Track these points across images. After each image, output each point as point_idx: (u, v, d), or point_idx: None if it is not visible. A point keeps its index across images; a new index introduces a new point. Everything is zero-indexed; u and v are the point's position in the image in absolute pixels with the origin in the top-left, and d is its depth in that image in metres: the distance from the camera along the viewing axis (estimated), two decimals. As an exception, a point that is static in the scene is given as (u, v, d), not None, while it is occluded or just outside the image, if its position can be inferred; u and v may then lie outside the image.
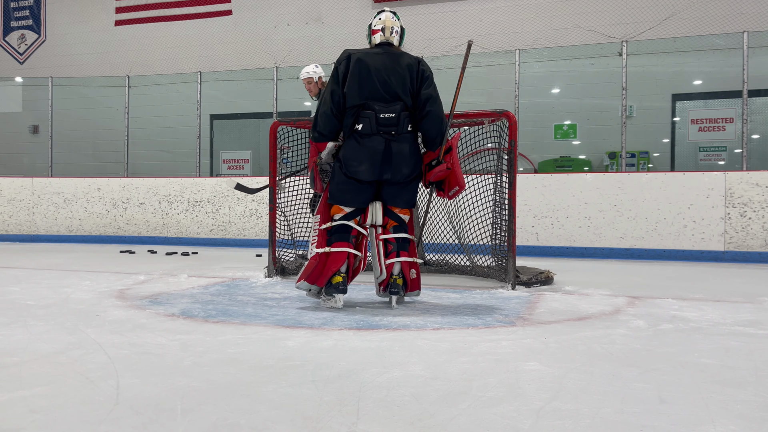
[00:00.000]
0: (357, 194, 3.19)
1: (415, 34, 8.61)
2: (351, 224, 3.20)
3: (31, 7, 10.62)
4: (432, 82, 3.24)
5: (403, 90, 3.16)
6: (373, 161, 3.11)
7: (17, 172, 9.98)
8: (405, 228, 3.27)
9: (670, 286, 4.12)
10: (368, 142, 3.12)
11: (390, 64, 3.17)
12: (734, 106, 7.46)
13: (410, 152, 3.18)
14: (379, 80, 3.13)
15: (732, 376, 1.96)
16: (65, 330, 2.59)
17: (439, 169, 3.21)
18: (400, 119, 3.14)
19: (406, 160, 3.15)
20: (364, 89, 3.13)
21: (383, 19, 3.30)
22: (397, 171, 3.14)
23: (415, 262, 3.27)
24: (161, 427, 1.49)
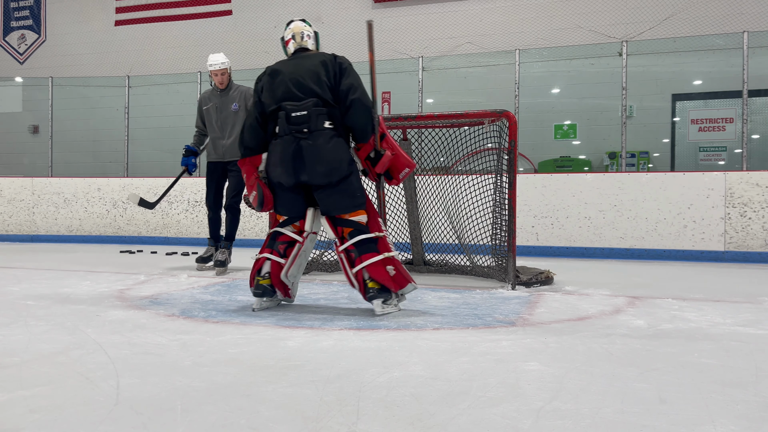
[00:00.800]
0: (287, 201, 3.10)
1: (415, 34, 8.63)
2: (282, 230, 3.13)
3: (31, 7, 10.62)
4: (351, 72, 3.10)
5: (318, 85, 3.04)
6: (286, 163, 3.00)
7: (17, 172, 9.98)
8: (363, 229, 3.03)
9: (670, 286, 4.12)
10: (281, 144, 3.03)
11: (303, 65, 3.12)
12: (734, 106, 7.46)
13: (327, 150, 2.98)
14: (292, 81, 3.07)
15: (732, 376, 1.96)
16: (65, 330, 2.59)
17: (385, 159, 3.05)
18: (312, 115, 2.98)
19: (320, 158, 2.96)
20: (278, 93, 3.09)
21: (292, 28, 3.32)
22: (312, 171, 2.97)
23: (389, 258, 3.01)
24: (161, 427, 1.49)
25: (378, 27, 9.80)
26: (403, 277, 3.04)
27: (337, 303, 3.34)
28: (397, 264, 3.03)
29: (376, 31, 8.86)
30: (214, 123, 5.02)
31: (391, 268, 3.00)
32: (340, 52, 3.29)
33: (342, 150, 3.03)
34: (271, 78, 3.16)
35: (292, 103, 3.03)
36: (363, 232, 3.02)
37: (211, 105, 5.06)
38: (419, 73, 7.51)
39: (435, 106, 8.24)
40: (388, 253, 3.01)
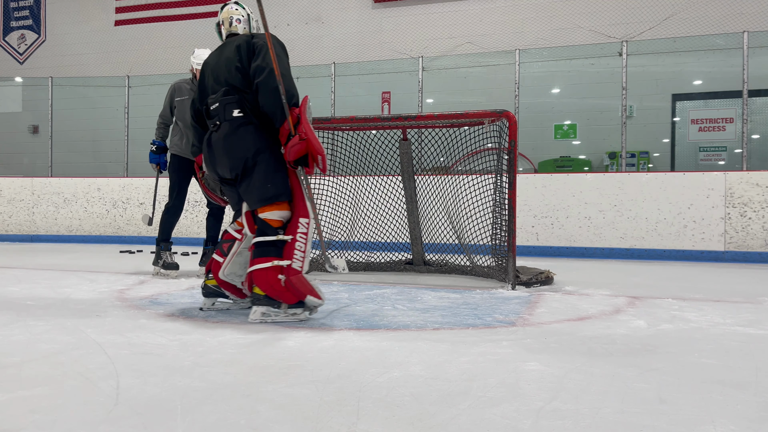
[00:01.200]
0: (227, 195, 3.04)
1: (415, 34, 8.63)
2: (227, 228, 3.07)
3: (31, 7, 10.62)
4: (262, 53, 2.85)
5: (229, 73, 2.89)
6: (205, 157, 2.96)
7: (17, 172, 9.98)
8: (266, 230, 2.80)
9: (670, 286, 4.12)
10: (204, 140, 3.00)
11: (223, 54, 2.98)
12: (734, 106, 7.46)
13: (231, 141, 2.82)
14: (213, 74, 2.97)
15: (732, 376, 1.95)
16: (65, 330, 2.59)
17: (292, 144, 2.76)
18: (223, 106, 2.86)
19: (223, 151, 2.84)
20: (205, 89, 3.02)
21: (223, 12, 3.16)
22: (221, 164, 2.88)
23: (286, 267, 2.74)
24: (161, 427, 1.49)
25: (378, 27, 9.83)
26: (296, 289, 2.75)
27: (337, 303, 3.34)
28: (292, 274, 2.75)
29: (376, 31, 8.96)
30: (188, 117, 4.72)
31: (283, 277, 2.74)
32: (340, 51, 3.29)
33: (248, 139, 2.82)
34: (202, 71, 3.07)
35: (213, 96, 2.94)
36: (265, 233, 2.79)
37: (187, 98, 4.78)
38: (419, 73, 7.51)
39: (435, 106, 8.24)
40: (284, 261, 2.75)
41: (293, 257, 2.78)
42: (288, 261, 2.76)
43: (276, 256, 2.75)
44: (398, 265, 4.86)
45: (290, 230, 2.83)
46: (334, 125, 4.61)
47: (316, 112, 9.07)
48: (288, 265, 2.75)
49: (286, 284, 2.74)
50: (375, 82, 8.61)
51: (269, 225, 2.81)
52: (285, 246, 2.79)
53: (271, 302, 2.77)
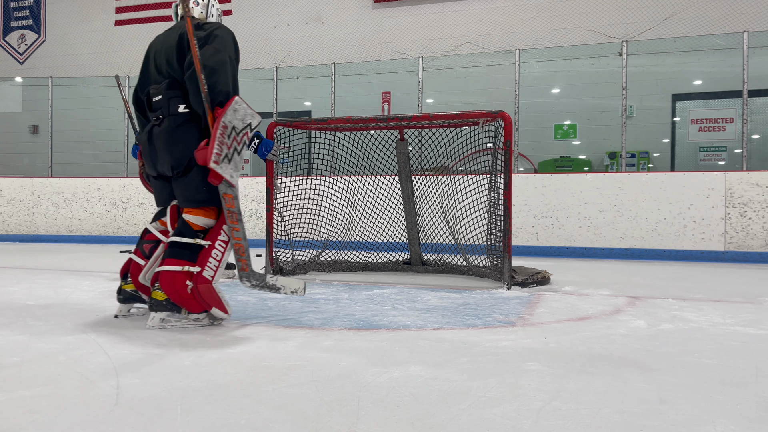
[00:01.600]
0: (156, 191, 2.89)
1: (415, 34, 8.63)
2: (149, 228, 2.89)
3: (31, 7, 10.62)
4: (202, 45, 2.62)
5: (170, 64, 2.70)
6: (144, 152, 2.80)
7: (17, 172, 9.98)
8: (184, 231, 2.66)
9: (670, 286, 4.12)
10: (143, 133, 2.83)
11: (167, 40, 2.77)
12: (734, 106, 7.46)
13: (175, 137, 2.66)
14: (155, 61, 2.78)
15: (732, 376, 1.96)
16: (65, 330, 2.59)
17: (200, 147, 2.59)
18: (163, 99, 2.69)
19: (165, 147, 2.68)
20: (147, 76, 2.83)
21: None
22: (162, 161, 2.71)
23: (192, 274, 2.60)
24: (161, 427, 1.49)
25: (378, 27, 9.83)
26: (202, 299, 2.61)
27: (337, 303, 3.34)
28: (200, 282, 2.61)
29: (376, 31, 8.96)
30: None
31: (191, 284, 2.60)
32: (340, 52, 3.29)
33: (192, 138, 2.66)
34: (145, 58, 2.87)
35: (155, 86, 2.76)
36: (183, 235, 2.65)
37: None
38: (419, 73, 7.51)
39: (435, 106, 8.24)
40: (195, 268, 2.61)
41: (206, 265, 2.64)
42: (199, 268, 2.62)
43: (188, 261, 2.62)
44: (396, 265, 4.86)
45: (211, 236, 2.70)
46: (331, 126, 4.61)
47: (316, 112, 9.09)
48: (199, 272, 2.61)
49: (193, 292, 2.60)
50: (375, 82, 8.61)
51: (190, 228, 2.68)
52: (201, 252, 2.66)
53: (171, 307, 2.63)
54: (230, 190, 2.64)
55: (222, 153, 2.57)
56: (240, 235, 2.70)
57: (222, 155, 2.57)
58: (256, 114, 2.68)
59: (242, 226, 2.70)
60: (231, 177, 2.60)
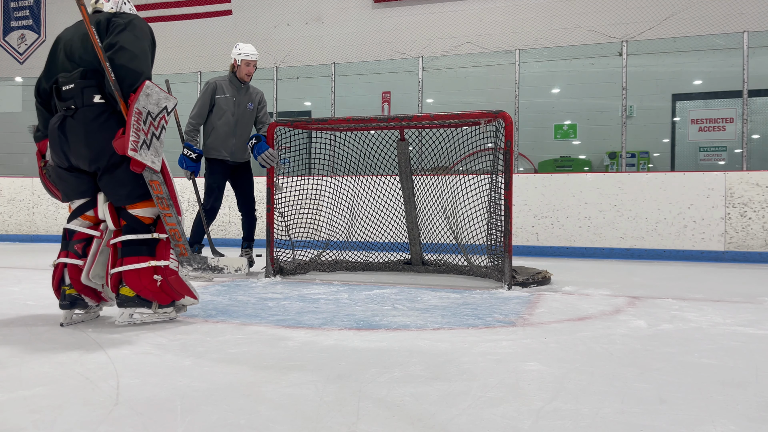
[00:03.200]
0: (68, 184, 2.69)
1: (415, 34, 8.63)
2: (72, 227, 2.73)
3: (31, 7, 10.62)
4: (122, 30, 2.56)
5: (86, 52, 2.60)
6: (54, 144, 2.62)
7: (17, 172, 9.97)
8: (136, 227, 2.63)
9: (670, 286, 4.12)
10: (52, 122, 2.64)
11: (79, 29, 2.69)
12: (734, 106, 7.46)
13: (92, 129, 2.55)
14: (66, 50, 2.66)
15: (732, 376, 1.96)
16: (65, 330, 2.59)
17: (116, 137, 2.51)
18: (77, 88, 2.56)
19: (82, 140, 2.55)
20: (56, 65, 2.69)
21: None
22: (77, 153, 2.57)
23: (161, 267, 2.62)
24: (161, 427, 1.49)
25: (378, 27, 9.83)
26: (174, 291, 2.67)
27: (337, 303, 3.34)
28: (169, 274, 2.65)
29: (376, 31, 8.98)
30: (231, 116, 4.67)
31: (159, 278, 2.61)
32: (340, 52, 3.29)
33: (112, 129, 2.56)
34: (52, 49, 2.74)
35: (64, 75, 2.61)
36: (136, 231, 2.62)
37: (229, 96, 4.68)
38: (419, 73, 7.51)
39: (435, 106, 8.24)
40: (162, 262, 2.62)
41: (170, 256, 2.67)
42: (165, 261, 2.64)
43: (149, 256, 2.61)
44: (397, 265, 4.86)
45: (162, 228, 2.69)
46: (331, 126, 4.61)
47: (316, 112, 9.09)
48: (165, 266, 2.64)
49: (163, 285, 2.62)
50: (375, 82, 8.61)
51: (141, 222, 2.65)
52: (158, 244, 2.66)
53: (141, 303, 2.64)
54: (155, 176, 2.58)
55: (140, 140, 2.49)
56: (173, 220, 2.66)
57: (140, 142, 2.49)
58: (171, 97, 2.61)
59: (174, 211, 2.64)
60: (152, 163, 2.53)
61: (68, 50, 2.67)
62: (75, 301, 2.69)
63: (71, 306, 2.69)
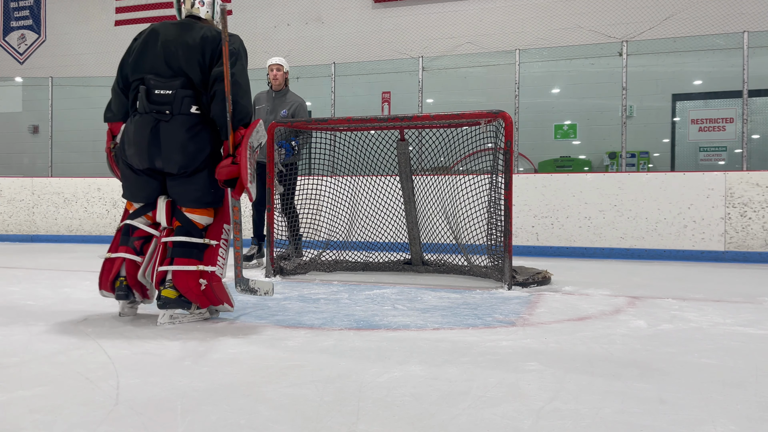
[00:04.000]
0: (137, 186, 2.79)
1: (415, 34, 8.63)
2: (135, 224, 2.82)
3: (31, 7, 10.62)
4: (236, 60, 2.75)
5: (188, 63, 2.71)
6: (140, 144, 2.69)
7: (17, 172, 9.98)
8: (191, 231, 2.72)
9: (670, 286, 4.12)
10: (138, 122, 2.71)
11: (184, 36, 2.76)
12: (734, 106, 7.46)
13: (187, 138, 2.68)
14: (165, 52, 2.73)
15: (732, 376, 1.96)
16: (65, 330, 2.59)
17: (224, 164, 2.68)
18: (177, 97, 2.68)
19: (178, 146, 2.67)
20: (146, 61, 2.75)
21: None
22: (168, 159, 2.68)
23: (208, 273, 2.70)
24: (161, 427, 1.49)
25: (378, 27, 9.83)
26: (216, 297, 2.75)
27: (337, 303, 3.34)
28: (215, 280, 2.74)
29: (376, 31, 9.00)
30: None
31: (204, 282, 2.69)
32: (340, 51, 3.30)
33: (203, 141, 2.73)
34: (146, 40, 2.80)
35: (157, 78, 2.71)
36: (191, 234, 2.72)
37: (263, 106, 5.03)
38: (419, 73, 7.51)
39: (435, 106, 8.24)
40: (209, 267, 2.72)
41: (217, 263, 2.76)
42: (213, 267, 2.73)
43: (199, 260, 2.70)
44: (397, 265, 4.86)
45: (214, 235, 2.79)
46: (331, 126, 4.61)
47: (316, 112, 9.10)
48: (212, 272, 2.73)
49: (207, 290, 2.69)
50: (375, 82, 8.61)
51: (196, 226, 2.75)
52: (207, 250, 2.74)
53: (182, 304, 2.69)
54: (237, 203, 2.82)
55: (251, 172, 2.72)
56: (239, 244, 2.90)
57: (251, 174, 2.72)
58: (265, 134, 2.89)
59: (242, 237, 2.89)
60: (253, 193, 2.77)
61: (167, 54, 2.74)
62: (128, 293, 2.78)
63: (126, 297, 2.77)
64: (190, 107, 2.71)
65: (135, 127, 2.72)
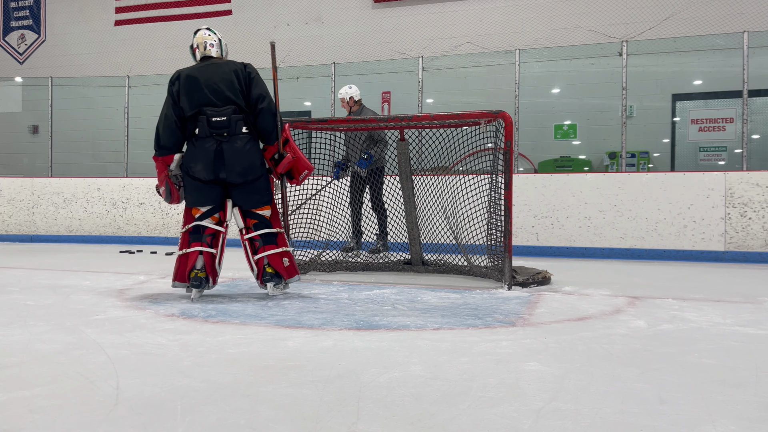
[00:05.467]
0: (204, 193, 3.43)
1: (415, 34, 8.63)
2: (204, 224, 3.44)
3: (31, 7, 10.62)
4: (259, 81, 3.49)
5: (233, 93, 3.42)
6: (207, 161, 3.36)
7: (17, 172, 9.98)
8: (267, 223, 3.52)
9: (670, 286, 4.12)
10: (202, 144, 3.37)
11: (216, 73, 3.46)
12: (734, 106, 7.46)
13: (245, 152, 3.39)
14: (209, 89, 3.41)
15: (732, 376, 1.96)
16: (65, 330, 2.59)
17: (286, 161, 3.48)
18: (231, 122, 3.37)
19: (239, 159, 3.37)
20: (196, 99, 3.41)
21: (197, 37, 3.62)
22: (231, 170, 3.37)
23: (285, 251, 3.53)
24: (161, 427, 1.49)
25: (378, 27, 9.83)
26: (294, 269, 3.55)
27: (337, 303, 3.34)
28: (290, 257, 3.56)
29: (376, 31, 9.05)
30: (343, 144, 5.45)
31: (286, 260, 3.51)
32: (340, 51, 3.33)
33: (256, 153, 3.45)
34: (187, 83, 3.45)
35: (212, 108, 3.38)
36: (267, 226, 3.51)
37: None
38: (419, 73, 7.50)
39: (435, 106, 8.24)
40: (285, 248, 3.53)
41: (287, 244, 3.59)
42: (286, 248, 3.55)
43: (276, 245, 3.51)
44: (397, 265, 4.86)
45: (277, 224, 3.57)
46: (331, 126, 4.61)
47: (316, 112, 9.12)
48: (287, 251, 3.55)
49: (288, 265, 3.52)
50: (375, 82, 8.60)
51: (267, 220, 3.52)
52: (279, 235, 3.55)
53: (278, 279, 3.49)
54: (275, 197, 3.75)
55: None
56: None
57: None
58: None
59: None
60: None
61: (212, 90, 3.41)
62: (201, 282, 3.40)
63: (200, 286, 3.40)
64: (242, 128, 3.40)
65: (200, 148, 3.38)
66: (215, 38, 3.64)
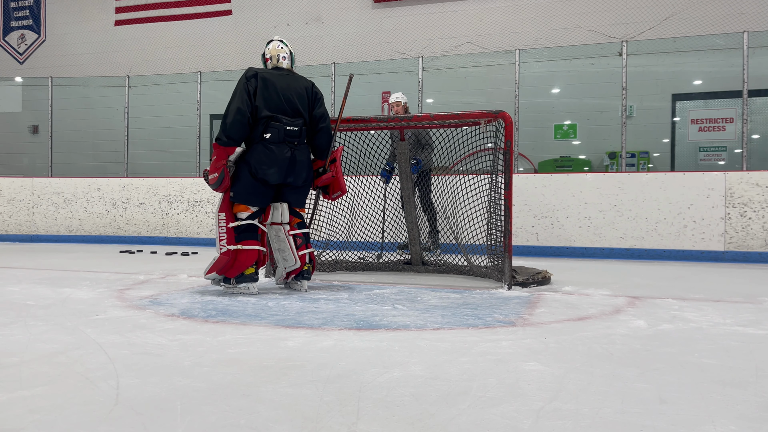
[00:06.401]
0: (262, 196, 3.69)
1: (415, 34, 8.63)
2: (256, 223, 3.71)
3: (31, 7, 10.62)
4: (323, 102, 3.90)
5: (303, 107, 3.77)
6: (281, 166, 3.65)
7: (17, 172, 9.98)
8: (305, 223, 3.94)
9: (670, 286, 4.12)
10: (276, 149, 3.63)
11: (292, 85, 3.76)
12: (734, 106, 7.46)
13: (309, 161, 3.82)
14: (284, 98, 3.69)
15: (732, 376, 1.96)
16: (65, 330, 2.59)
17: (326, 177, 3.89)
18: (302, 132, 3.73)
19: (305, 166, 3.76)
20: (273, 104, 3.65)
21: (270, 48, 3.87)
22: (298, 176, 3.74)
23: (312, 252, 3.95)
24: (161, 427, 1.49)
25: (378, 27, 9.85)
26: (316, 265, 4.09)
27: (337, 303, 3.34)
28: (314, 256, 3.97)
29: (376, 31, 9.07)
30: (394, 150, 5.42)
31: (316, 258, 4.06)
32: (340, 51, 3.34)
33: (311, 162, 3.86)
34: (264, 85, 3.66)
35: (287, 117, 3.68)
36: (306, 226, 3.95)
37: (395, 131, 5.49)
38: (419, 73, 7.50)
39: (435, 106, 8.24)
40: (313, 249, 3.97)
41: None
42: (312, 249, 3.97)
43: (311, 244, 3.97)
44: (397, 265, 4.86)
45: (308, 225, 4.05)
46: (331, 125, 4.60)
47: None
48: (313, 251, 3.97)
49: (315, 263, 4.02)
50: (375, 82, 8.60)
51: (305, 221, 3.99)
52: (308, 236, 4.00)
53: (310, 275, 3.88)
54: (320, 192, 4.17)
55: None
56: None
57: None
58: None
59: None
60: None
61: (287, 100, 3.70)
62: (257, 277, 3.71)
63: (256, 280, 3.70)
64: (305, 139, 3.79)
65: (273, 152, 3.63)
66: (287, 50, 3.88)
